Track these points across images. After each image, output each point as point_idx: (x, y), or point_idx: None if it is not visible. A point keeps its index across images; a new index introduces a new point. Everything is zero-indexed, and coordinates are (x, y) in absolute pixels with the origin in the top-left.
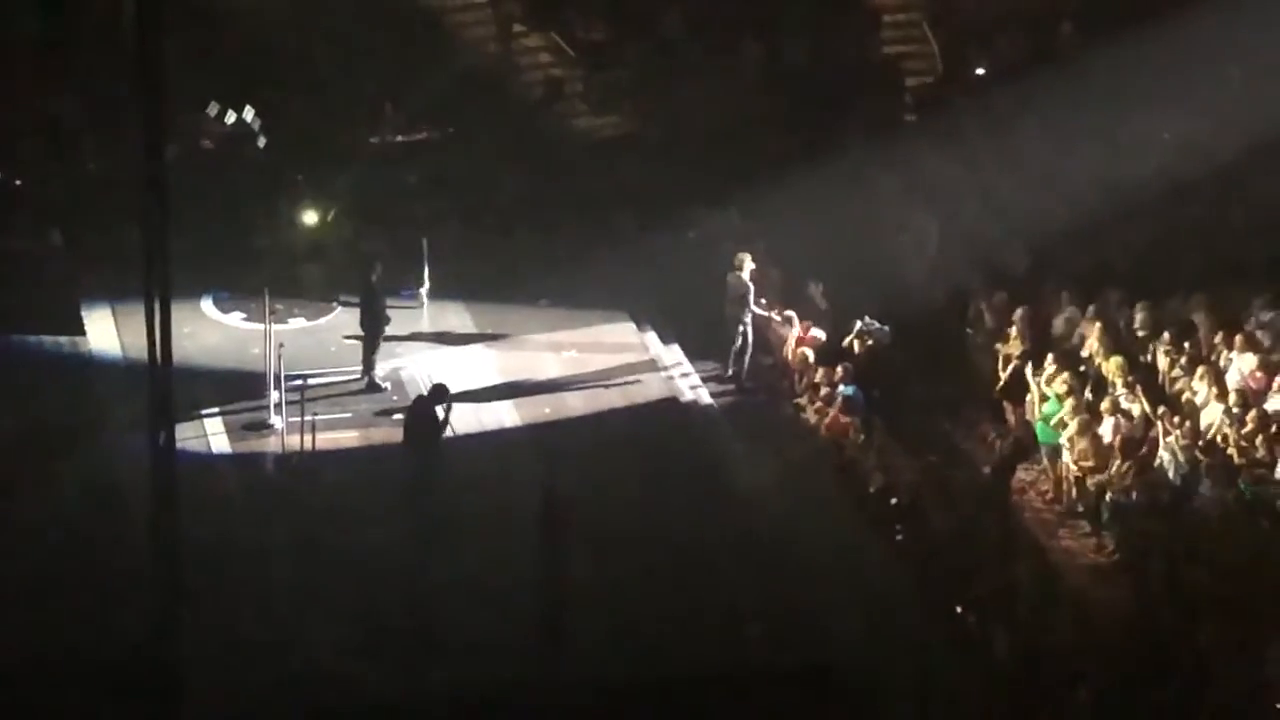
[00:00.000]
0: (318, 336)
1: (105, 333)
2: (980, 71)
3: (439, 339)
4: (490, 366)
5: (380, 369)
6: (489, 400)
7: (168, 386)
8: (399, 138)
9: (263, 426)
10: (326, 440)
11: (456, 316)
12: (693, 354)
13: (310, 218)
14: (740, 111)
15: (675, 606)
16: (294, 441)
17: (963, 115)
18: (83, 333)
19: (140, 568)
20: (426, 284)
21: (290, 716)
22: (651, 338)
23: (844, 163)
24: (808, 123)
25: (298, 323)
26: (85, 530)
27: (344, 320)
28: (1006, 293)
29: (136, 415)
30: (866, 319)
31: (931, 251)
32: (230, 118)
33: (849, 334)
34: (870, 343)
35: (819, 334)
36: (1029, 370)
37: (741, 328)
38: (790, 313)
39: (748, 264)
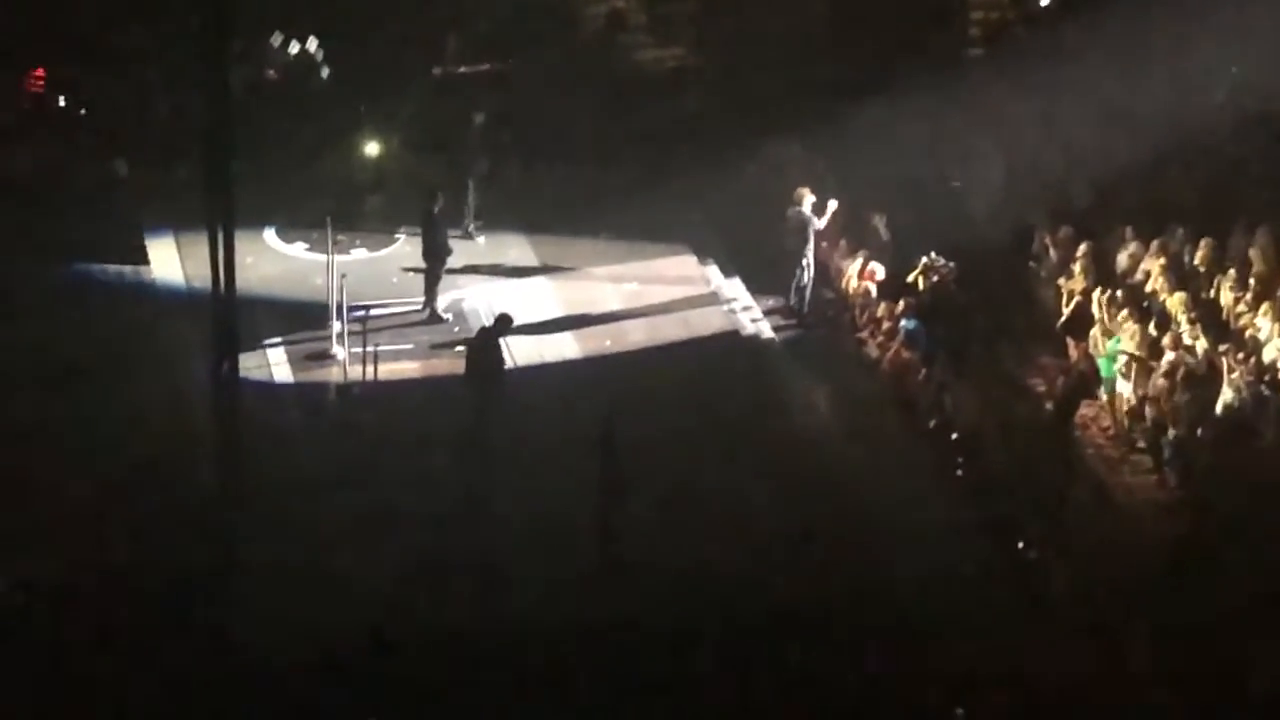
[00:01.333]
0: (379, 267)
1: (169, 262)
2: (1045, 3)
3: (500, 271)
4: (551, 299)
5: (442, 300)
6: (550, 332)
7: (231, 316)
8: (461, 69)
9: (325, 356)
10: (388, 371)
11: (517, 249)
12: (754, 287)
13: (372, 149)
14: (803, 43)
15: (733, 542)
16: (356, 372)
17: (1028, 48)
18: (147, 262)
19: (203, 494)
20: (474, 220)
21: (350, 645)
22: (713, 270)
23: (908, 95)
24: (871, 55)
25: (360, 253)
26: (149, 457)
27: (406, 251)
28: (1071, 227)
29: (200, 344)
30: (932, 254)
31: (995, 186)
32: (294, 48)
33: (912, 269)
34: (935, 278)
35: (878, 268)
36: (1092, 306)
37: (804, 261)
38: (853, 246)
39: (808, 198)
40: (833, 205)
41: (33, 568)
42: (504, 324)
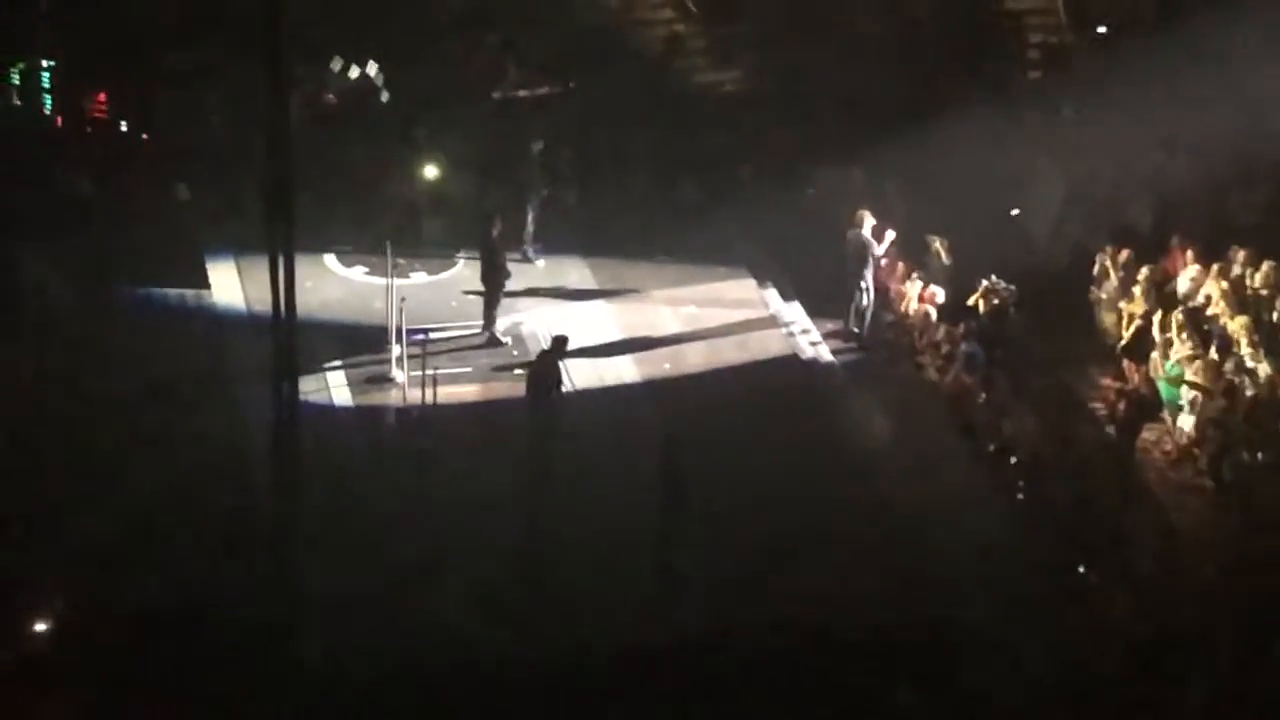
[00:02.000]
0: (439, 291)
1: (229, 285)
2: (1104, 27)
3: (559, 294)
4: (610, 322)
5: (501, 324)
6: (609, 355)
7: (291, 339)
8: (520, 92)
9: (384, 380)
10: (447, 394)
11: (576, 272)
12: (813, 311)
13: (432, 172)
14: (861, 65)
15: (791, 563)
16: (415, 395)
17: (1088, 71)
18: (207, 285)
19: (262, 518)
20: (533, 244)
21: (408, 669)
22: (772, 294)
23: (967, 119)
24: (931, 78)
25: (419, 277)
26: (209, 482)
27: (465, 275)
28: (1131, 251)
29: (260, 367)
30: (993, 278)
31: (1055, 208)
32: (354, 72)
33: (971, 291)
34: (995, 301)
35: (938, 291)
36: (1153, 329)
37: (862, 284)
38: (911, 269)
39: (868, 220)
40: (890, 235)
41: (97, 590)
42: (561, 345)
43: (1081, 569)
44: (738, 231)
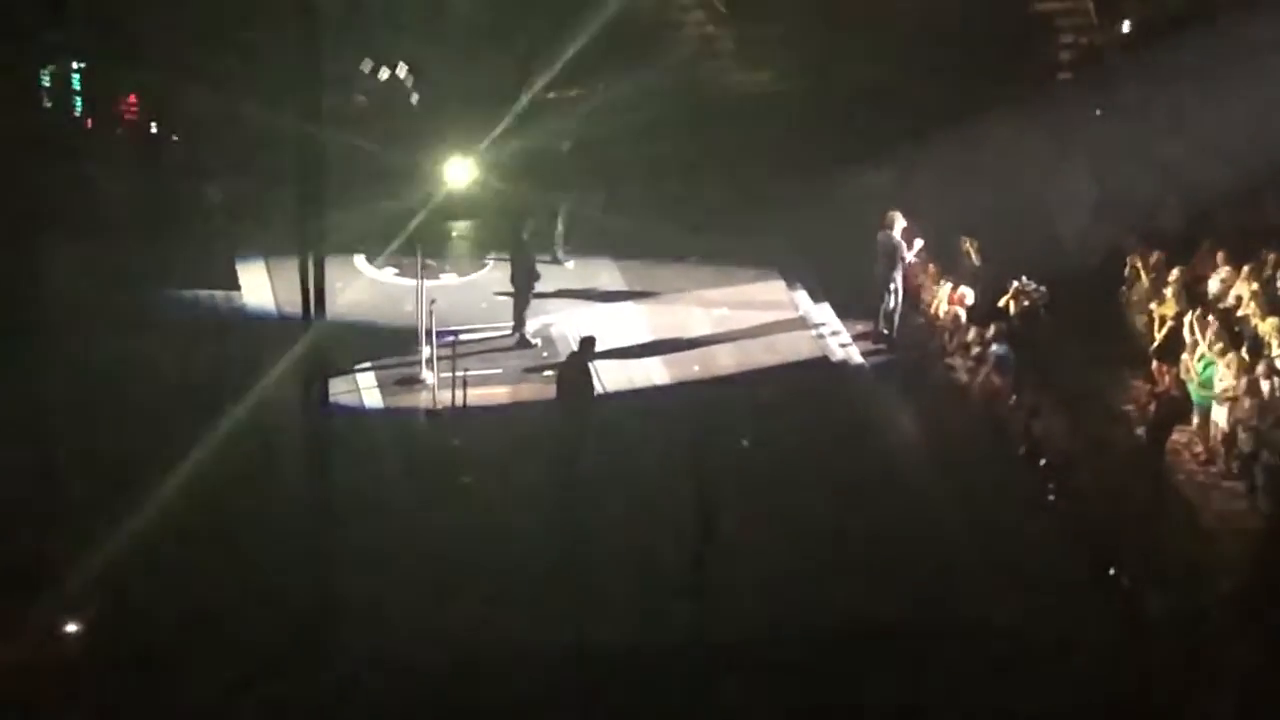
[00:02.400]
0: (469, 293)
1: (260, 287)
2: (1135, 27)
3: (589, 295)
4: (640, 324)
5: (531, 325)
6: (639, 357)
7: (322, 341)
8: (551, 95)
9: (415, 381)
10: (477, 396)
11: (607, 274)
12: (843, 312)
13: (462, 174)
14: (891, 66)
15: (822, 563)
16: (445, 397)
17: (1119, 72)
18: (238, 287)
19: (293, 518)
20: (563, 245)
21: (435, 666)
22: (802, 295)
23: (998, 120)
24: (961, 79)
25: (449, 279)
26: (240, 482)
27: (495, 277)
28: (1162, 252)
29: (290, 370)
30: (1024, 279)
31: (1086, 210)
32: (384, 74)
33: (1002, 293)
34: (1025, 303)
35: (968, 292)
36: (1184, 331)
37: (892, 285)
38: (941, 270)
39: (899, 222)
40: (919, 244)
41: (131, 592)
42: (589, 347)
43: (1111, 569)
44: (767, 231)
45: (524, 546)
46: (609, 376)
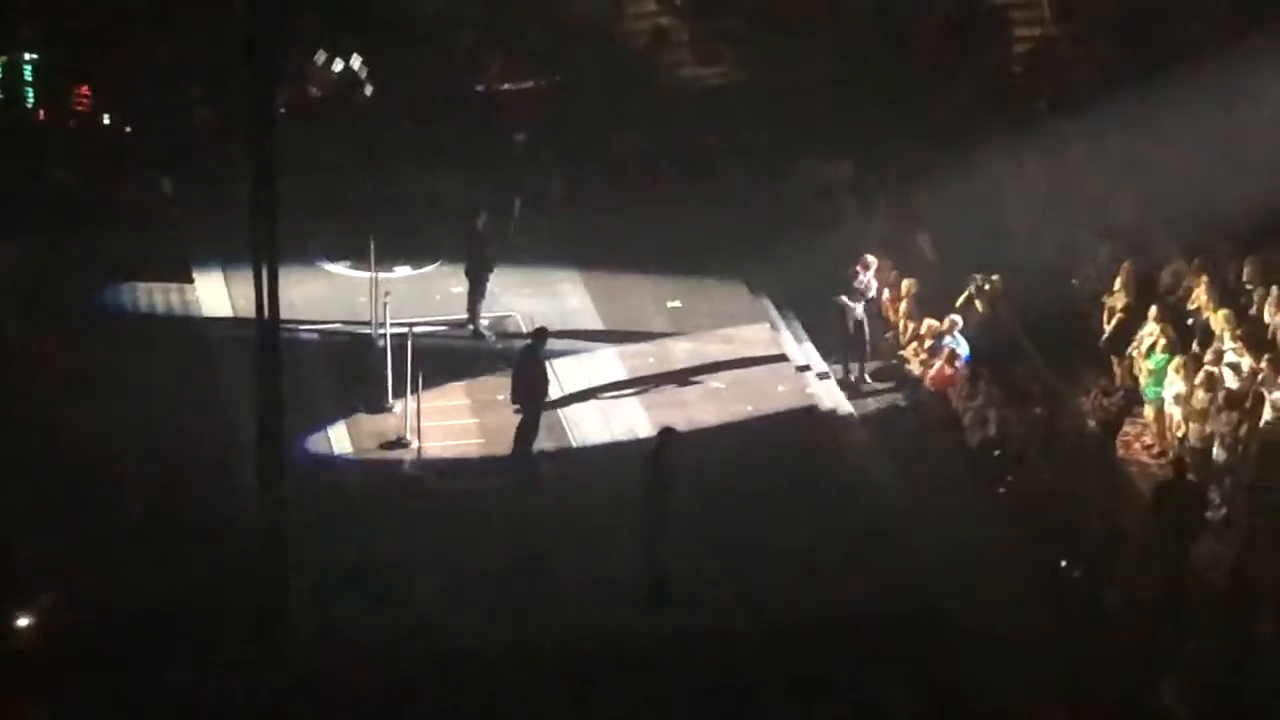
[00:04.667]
0: (423, 285)
1: (212, 281)
2: (1088, 21)
3: (545, 289)
4: (595, 320)
5: (485, 318)
6: (593, 349)
7: (275, 334)
8: (505, 86)
9: (369, 373)
10: (432, 389)
11: (569, 285)
12: (788, 308)
13: (416, 165)
14: (846, 61)
15: (778, 554)
16: (398, 389)
17: (1074, 67)
18: (190, 279)
19: (249, 511)
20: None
21: (395, 665)
22: (765, 303)
23: (952, 114)
24: (917, 73)
25: (403, 271)
26: (193, 482)
27: (449, 269)
28: (1112, 245)
29: (245, 358)
30: (979, 276)
31: (1039, 203)
32: (338, 66)
33: (956, 284)
34: (980, 297)
35: (912, 283)
36: (1135, 322)
37: (856, 319)
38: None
39: (874, 264)
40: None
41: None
42: (541, 337)
43: (1063, 561)
44: (724, 229)
45: (478, 540)
46: (583, 429)
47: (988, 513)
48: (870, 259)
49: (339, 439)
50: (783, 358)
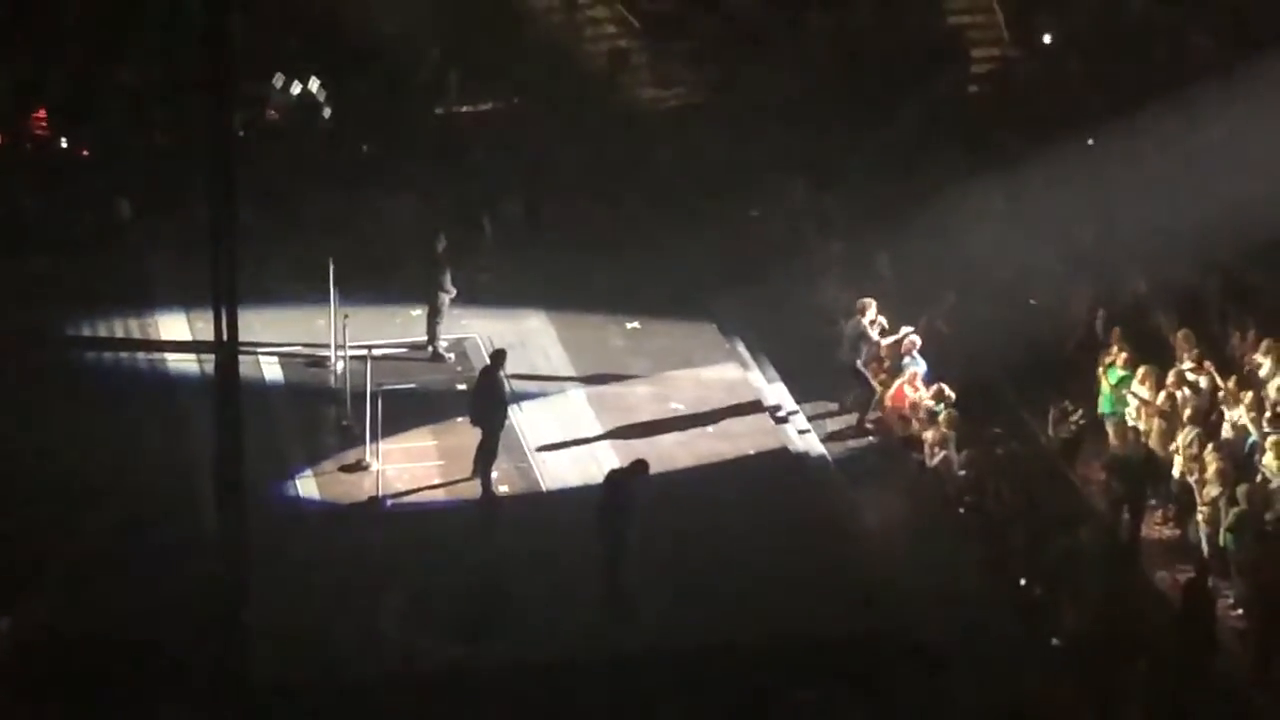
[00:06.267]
0: (382, 308)
1: (172, 311)
2: (1048, 39)
3: (504, 311)
4: (554, 341)
5: (444, 340)
6: (556, 378)
7: (233, 359)
8: (463, 108)
9: (329, 397)
10: (390, 411)
11: (536, 321)
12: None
13: (375, 188)
14: (805, 82)
15: (741, 577)
16: (357, 412)
17: (1031, 86)
18: (150, 305)
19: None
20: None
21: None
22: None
23: (910, 135)
24: (875, 95)
25: (363, 294)
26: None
27: (408, 291)
28: (1072, 265)
29: (203, 384)
30: (939, 297)
31: (999, 223)
32: (296, 88)
33: (915, 304)
34: (940, 320)
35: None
36: (1095, 342)
37: (856, 368)
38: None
39: (870, 311)
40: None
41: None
42: (499, 358)
43: (1024, 580)
44: (684, 251)
45: (438, 561)
46: (553, 471)
47: (949, 532)
48: (869, 303)
49: (299, 463)
50: (754, 400)
